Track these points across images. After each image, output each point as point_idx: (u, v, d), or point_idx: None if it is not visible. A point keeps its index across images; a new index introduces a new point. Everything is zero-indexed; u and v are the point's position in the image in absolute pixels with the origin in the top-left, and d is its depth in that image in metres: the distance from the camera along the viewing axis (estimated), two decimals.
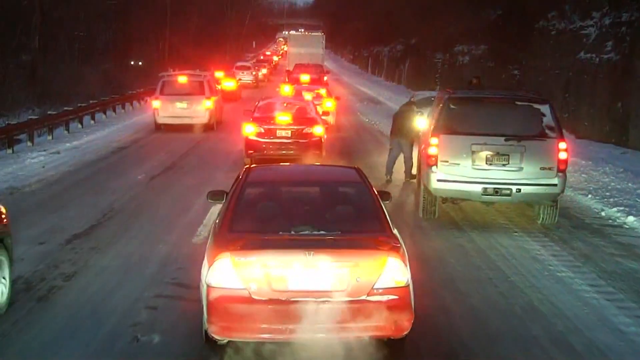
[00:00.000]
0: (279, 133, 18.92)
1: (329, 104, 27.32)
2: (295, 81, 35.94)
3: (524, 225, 13.02)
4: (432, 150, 12.58)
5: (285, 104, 20.65)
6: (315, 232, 7.07)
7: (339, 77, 65.39)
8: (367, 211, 7.55)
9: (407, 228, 12.49)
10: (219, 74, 38.69)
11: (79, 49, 46.07)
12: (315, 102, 22.91)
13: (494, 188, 12.33)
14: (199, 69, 33.98)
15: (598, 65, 28.23)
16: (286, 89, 31.88)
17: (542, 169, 12.23)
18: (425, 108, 23.83)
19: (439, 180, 12.54)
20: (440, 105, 13.06)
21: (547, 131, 12.31)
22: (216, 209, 10.08)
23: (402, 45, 61.99)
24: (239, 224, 7.26)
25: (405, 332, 6.86)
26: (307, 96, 25.84)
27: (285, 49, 78.96)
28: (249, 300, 6.62)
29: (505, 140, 12.27)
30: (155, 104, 26.46)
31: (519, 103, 12.63)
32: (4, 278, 8.43)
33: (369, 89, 54.58)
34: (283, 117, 19.28)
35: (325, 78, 42.43)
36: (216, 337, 6.86)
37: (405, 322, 6.76)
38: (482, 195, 12.43)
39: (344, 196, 8.04)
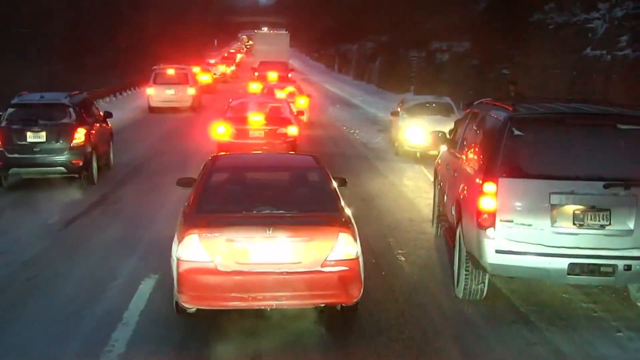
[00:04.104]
0: (252, 134, 17.81)
1: (302, 102, 26.30)
2: (262, 78, 35.04)
3: (620, 312, 8.20)
4: (485, 203, 7.69)
5: (258, 104, 19.65)
6: (275, 211, 7.56)
7: (307, 77, 60.26)
8: (322, 193, 8.05)
9: (442, 319, 8.06)
10: (196, 69, 42.08)
11: (22, 49, 40.49)
12: (289, 100, 22.10)
13: (588, 264, 7.49)
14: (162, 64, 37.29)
15: (611, 64, 23.60)
16: (254, 87, 31.92)
17: None
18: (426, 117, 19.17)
19: (498, 252, 7.67)
20: (494, 128, 8.18)
21: None
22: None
23: (373, 42, 57.08)
24: (206, 205, 7.72)
25: (356, 300, 7.43)
26: (280, 94, 25.27)
27: (249, 46, 78.58)
28: (215, 272, 7.11)
29: (605, 186, 7.46)
30: (149, 90, 32.09)
31: (623, 127, 7.70)
32: None
33: (340, 90, 49.53)
34: (256, 117, 18.17)
35: (289, 75, 40.47)
36: (186, 305, 7.34)
37: (355, 291, 7.32)
38: (569, 275, 7.56)
39: (302, 180, 8.51)
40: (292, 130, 18.02)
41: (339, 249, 7.18)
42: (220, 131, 17.77)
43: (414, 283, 9.25)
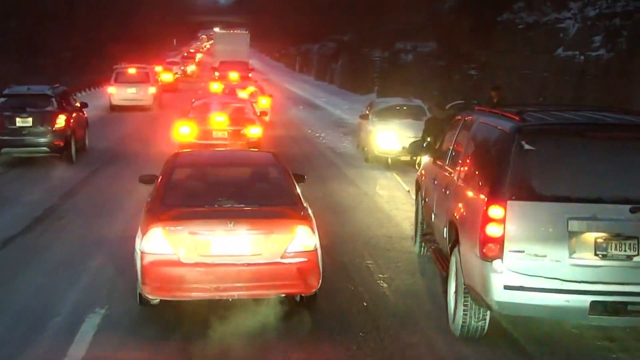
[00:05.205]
0: (215, 134, 17.42)
1: (264, 102, 26.02)
2: (223, 78, 35.02)
3: None
4: (491, 230, 6.45)
5: (221, 104, 19.27)
6: (236, 205, 7.71)
7: (268, 77, 58.74)
8: (281, 188, 8.19)
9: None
10: (158, 68, 43.13)
11: None
12: (251, 100, 21.98)
13: (613, 302, 6.29)
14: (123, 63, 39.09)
15: (584, 65, 22.65)
16: (215, 86, 31.96)
17: None
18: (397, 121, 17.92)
19: (506, 288, 6.42)
20: (498, 141, 6.96)
21: None
22: None
23: (334, 42, 55.81)
24: (169, 199, 7.83)
25: (314, 290, 7.56)
26: (242, 94, 25.02)
27: (208, 46, 78.31)
28: (178, 264, 7.20)
29: (632, 210, 6.28)
30: (111, 89, 32.09)
31: None
32: None
33: (302, 90, 48.23)
34: (219, 118, 17.85)
35: (250, 75, 40.18)
36: (149, 297, 7.44)
37: (314, 281, 7.47)
38: (590, 315, 6.35)
39: (262, 175, 8.69)
40: (256, 131, 17.71)
41: (298, 241, 7.35)
42: (183, 132, 17.38)
43: (401, 316, 8.00)
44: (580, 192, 6.37)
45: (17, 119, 17.09)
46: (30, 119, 17.13)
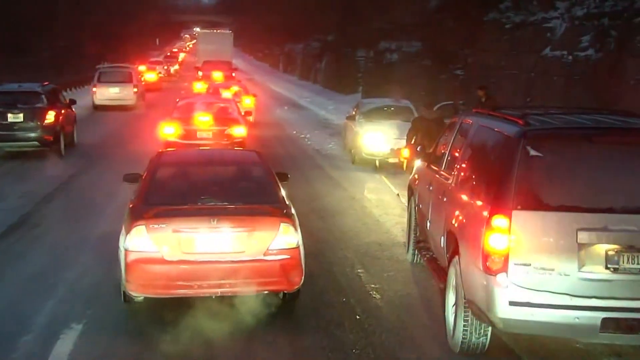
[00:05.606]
0: (200, 134, 17.25)
1: (248, 101, 25.89)
2: (207, 78, 34.77)
3: None
4: (495, 242, 6.01)
5: (206, 104, 19.07)
6: (220, 203, 7.72)
7: (251, 76, 58.10)
8: (264, 186, 8.23)
9: None
10: (142, 68, 43.65)
11: None
12: (236, 100, 21.88)
13: (626, 319, 5.86)
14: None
15: (572, 65, 22.30)
16: (199, 86, 31.94)
17: None
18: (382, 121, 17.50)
19: (512, 304, 5.98)
20: (501, 146, 6.52)
21: None
22: None
23: (319, 42, 55.31)
24: (153, 198, 7.84)
25: (297, 287, 7.56)
26: (226, 93, 24.89)
27: (191, 46, 78.45)
28: (162, 261, 7.20)
29: None
30: (94, 89, 31.99)
31: None
32: None
33: (286, 90, 47.72)
34: (204, 118, 17.67)
35: (233, 74, 39.93)
36: (133, 294, 7.41)
37: (296, 278, 7.47)
38: (602, 332, 5.91)
39: (245, 174, 8.74)
40: (240, 131, 17.58)
41: (281, 238, 7.36)
42: (168, 131, 17.28)
43: (396, 331, 7.53)
44: (590, 201, 5.94)
45: (9, 115, 17.74)
46: (21, 115, 17.82)
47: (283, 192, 8.17)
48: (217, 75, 34.97)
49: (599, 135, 6.16)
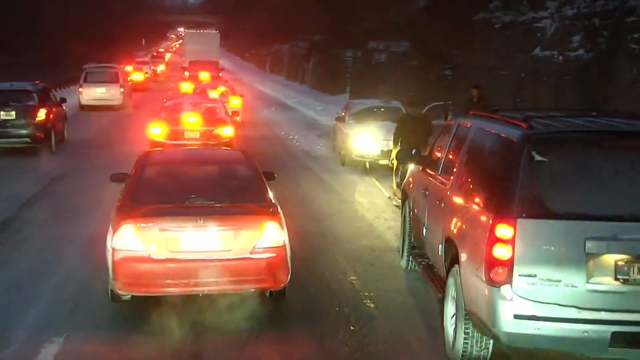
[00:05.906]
0: (187, 135, 17.15)
1: (235, 102, 25.79)
2: (194, 78, 34.56)
3: None
4: (499, 252, 5.70)
5: (193, 104, 19.04)
6: (206, 202, 7.75)
7: (238, 77, 57.60)
8: (251, 185, 8.26)
9: None
10: (128, 68, 43.37)
11: None
12: (223, 100, 21.88)
13: (637, 333, 5.57)
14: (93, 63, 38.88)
15: (562, 65, 22.08)
16: (185, 86, 31.84)
17: None
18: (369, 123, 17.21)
19: (517, 317, 5.67)
20: (503, 151, 6.21)
21: None
22: None
23: (306, 42, 54.95)
24: (140, 197, 7.87)
25: (283, 285, 7.60)
26: (213, 94, 24.77)
27: (178, 46, 78.26)
28: (149, 260, 7.22)
29: None
30: (80, 89, 31.85)
31: None
32: None
33: (273, 90, 47.31)
34: (191, 118, 17.61)
35: (220, 74, 39.53)
36: (121, 292, 7.39)
37: (282, 276, 7.50)
38: (611, 347, 5.62)
39: (231, 173, 8.79)
40: (228, 131, 17.52)
41: (267, 236, 7.39)
42: (156, 132, 17.21)
43: (393, 342, 7.22)
44: (599, 209, 5.65)
45: (1, 112, 18.26)
46: (13, 112, 18.37)
47: (270, 192, 8.16)
48: (204, 76, 34.76)
49: (608, 140, 5.87)
